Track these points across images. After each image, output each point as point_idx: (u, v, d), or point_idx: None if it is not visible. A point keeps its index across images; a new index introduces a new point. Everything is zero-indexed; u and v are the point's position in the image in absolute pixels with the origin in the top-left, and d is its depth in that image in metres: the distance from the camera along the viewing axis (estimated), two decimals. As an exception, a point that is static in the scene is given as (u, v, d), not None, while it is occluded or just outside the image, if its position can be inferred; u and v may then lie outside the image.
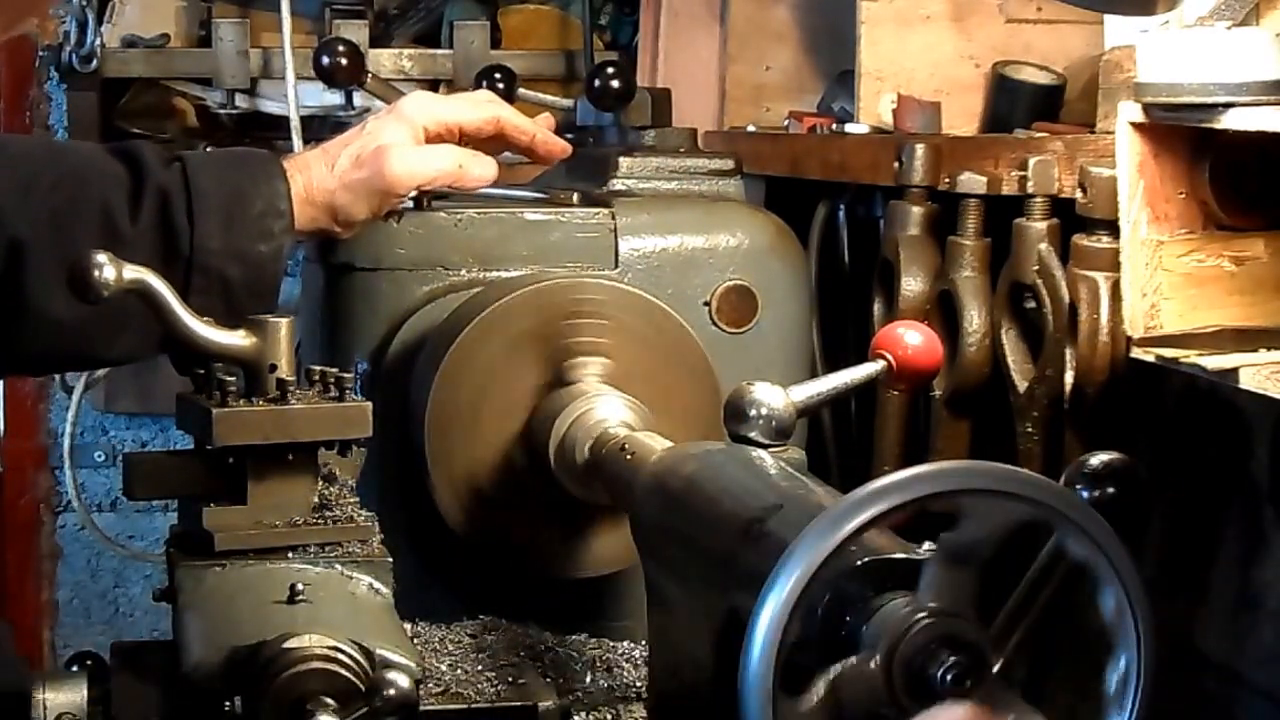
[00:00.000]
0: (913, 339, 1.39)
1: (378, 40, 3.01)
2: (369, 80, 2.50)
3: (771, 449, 1.28)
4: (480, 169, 1.67)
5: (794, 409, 1.31)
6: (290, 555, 1.33)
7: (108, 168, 1.60)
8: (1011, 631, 1.04)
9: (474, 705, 1.41)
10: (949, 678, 0.94)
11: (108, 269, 1.33)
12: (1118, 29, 1.66)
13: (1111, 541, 0.97)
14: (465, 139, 1.72)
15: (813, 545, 0.93)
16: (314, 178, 1.64)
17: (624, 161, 1.83)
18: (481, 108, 1.73)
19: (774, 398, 1.30)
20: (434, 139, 1.68)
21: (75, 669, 1.30)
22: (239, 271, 1.59)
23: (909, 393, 1.83)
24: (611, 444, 1.44)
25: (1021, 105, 2.02)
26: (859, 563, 0.98)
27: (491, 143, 1.75)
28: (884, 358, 1.39)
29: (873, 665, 0.95)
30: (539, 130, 1.75)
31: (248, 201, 1.60)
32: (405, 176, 1.64)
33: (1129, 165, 1.43)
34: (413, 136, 1.66)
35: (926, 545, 1.03)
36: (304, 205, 1.64)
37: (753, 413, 1.30)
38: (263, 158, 1.68)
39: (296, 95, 2.52)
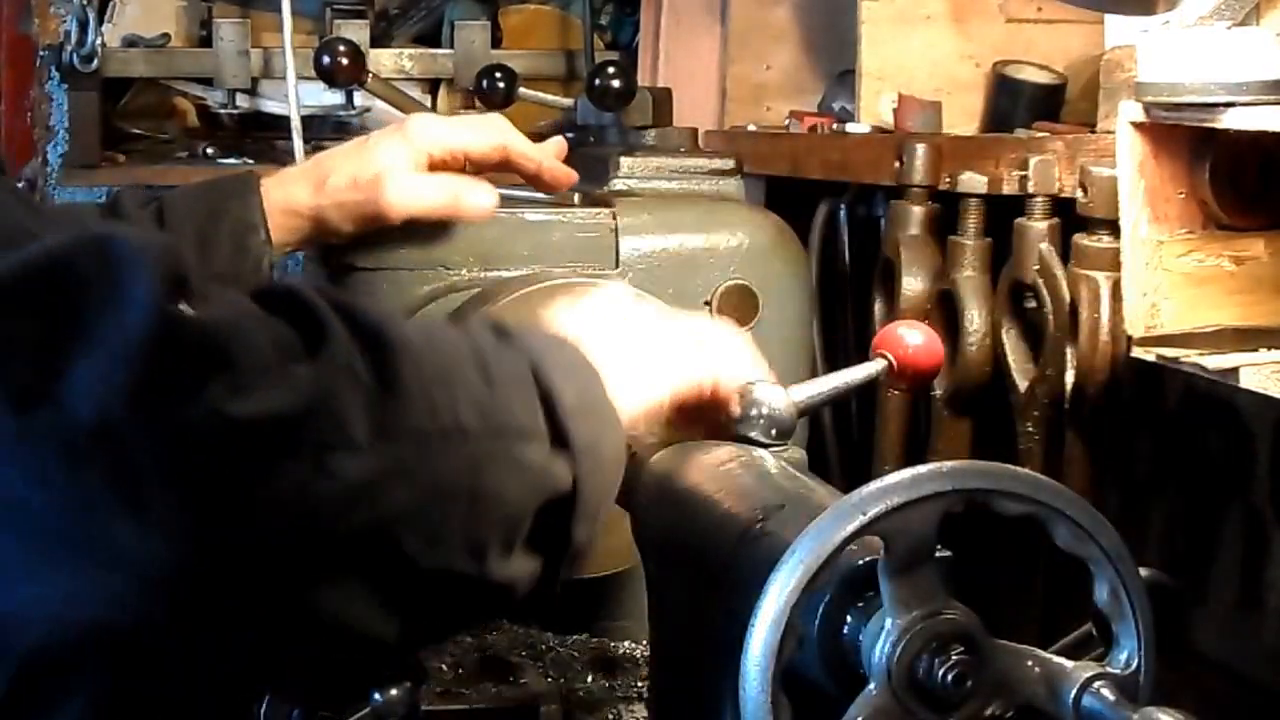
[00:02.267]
0: (913, 339, 1.39)
1: (378, 40, 3.02)
2: (370, 80, 2.51)
3: (772, 449, 1.29)
4: (477, 198, 1.65)
5: (795, 409, 1.31)
6: (291, 555, 1.32)
7: (86, 213, 1.62)
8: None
9: (475, 706, 1.41)
10: (950, 679, 0.94)
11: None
12: (1118, 28, 1.66)
13: (1104, 530, 0.97)
14: (470, 164, 1.71)
15: (814, 545, 0.93)
16: (301, 191, 1.64)
17: (625, 161, 1.83)
18: (488, 134, 1.69)
19: (774, 397, 1.30)
20: (438, 164, 1.66)
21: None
22: None
23: (910, 392, 1.83)
24: None
25: (1022, 105, 2.02)
26: (860, 562, 0.98)
27: (498, 167, 1.74)
28: (885, 357, 1.39)
29: (882, 699, 0.94)
30: (545, 158, 1.72)
31: (218, 222, 1.61)
32: (400, 206, 1.63)
33: (1129, 165, 1.43)
34: (414, 161, 1.64)
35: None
36: (288, 216, 1.64)
37: (753, 412, 1.29)
38: (237, 177, 1.68)
39: (297, 95, 2.52)
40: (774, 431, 1.29)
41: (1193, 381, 1.57)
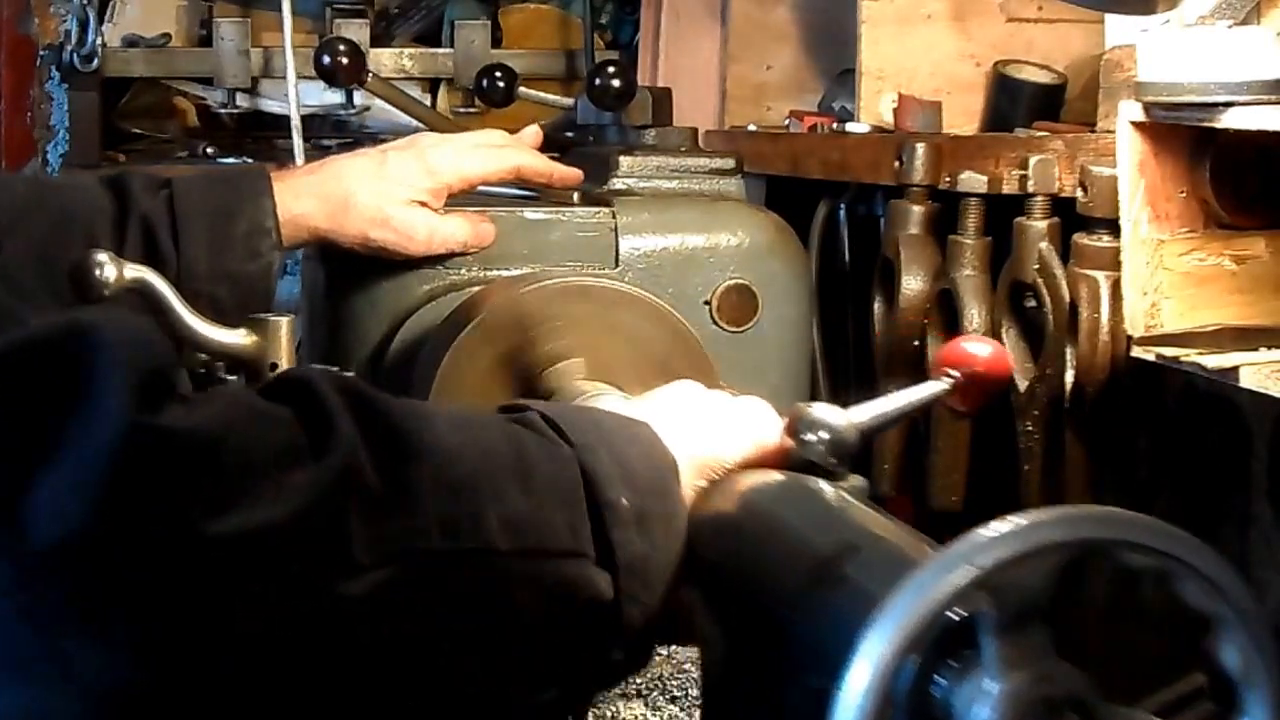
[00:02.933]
0: (982, 352, 1.27)
1: (378, 39, 3.02)
2: (370, 79, 2.51)
3: (833, 478, 1.15)
4: (481, 237, 1.69)
5: (856, 432, 1.18)
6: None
7: (95, 200, 1.60)
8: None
9: (474, 704, 1.41)
10: None
11: (108, 268, 1.33)
12: (1118, 28, 1.66)
13: (1236, 587, 0.86)
14: (484, 184, 1.73)
15: (913, 603, 0.81)
16: (315, 209, 1.63)
17: (624, 160, 1.83)
18: (503, 159, 1.71)
19: (834, 419, 1.17)
20: (455, 192, 1.69)
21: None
22: (228, 292, 1.58)
23: (972, 415, 1.70)
24: None
25: (1022, 104, 2.02)
26: (956, 617, 0.84)
27: (510, 184, 1.76)
28: (950, 375, 1.26)
29: None
30: (555, 170, 1.74)
31: (233, 222, 1.60)
32: (425, 249, 1.66)
33: (1129, 164, 1.43)
34: (435, 193, 1.66)
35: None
36: (300, 230, 1.63)
37: (811, 436, 1.16)
38: (250, 175, 1.66)
39: (297, 94, 2.53)
40: (834, 458, 1.16)
41: (1193, 381, 1.57)
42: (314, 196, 1.64)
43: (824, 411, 1.17)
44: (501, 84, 2.51)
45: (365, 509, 0.93)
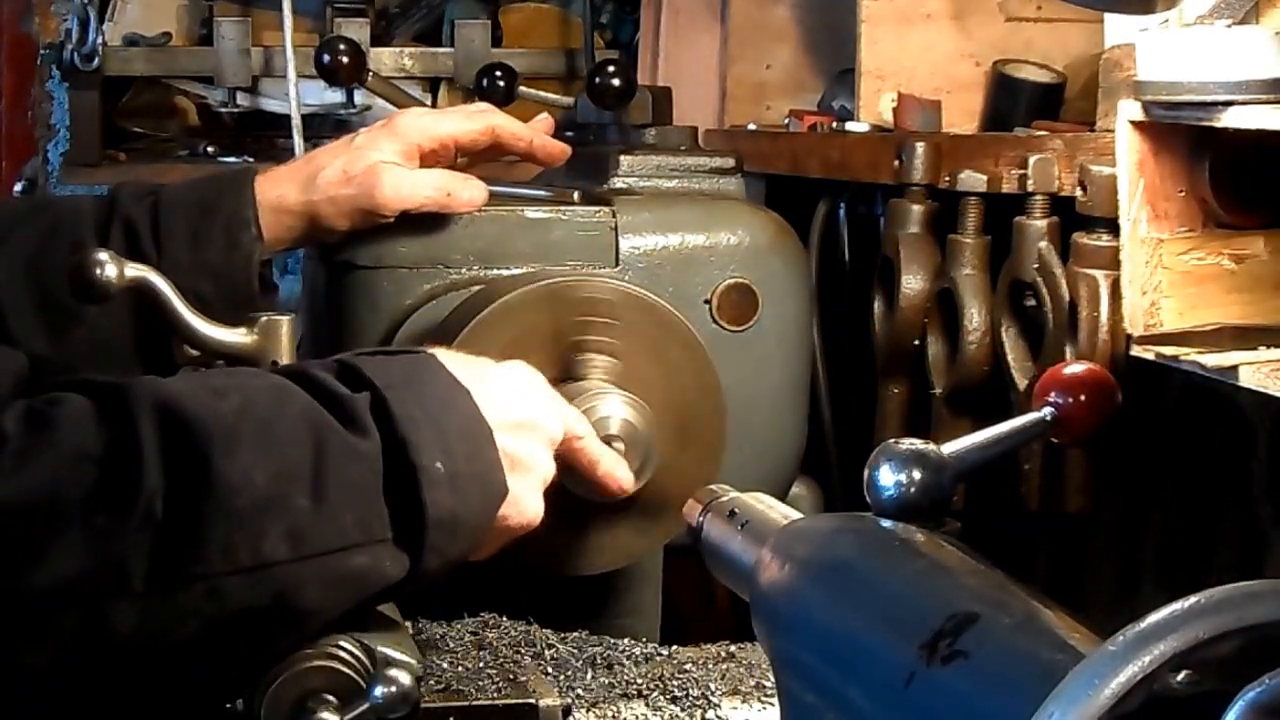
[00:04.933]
0: (1082, 377, 1.21)
1: (379, 39, 3.02)
2: (370, 79, 2.51)
3: (929, 524, 1.04)
4: (469, 193, 1.67)
5: (953, 471, 1.07)
6: (291, 553, 1.32)
7: (83, 211, 1.63)
8: None
9: (475, 702, 1.41)
10: None
11: (109, 267, 1.33)
12: (1118, 27, 1.66)
13: None
14: (462, 152, 1.72)
15: (1074, 709, 0.65)
16: (291, 188, 1.64)
17: (625, 159, 1.83)
18: (475, 119, 1.72)
19: (929, 456, 1.06)
20: (429, 155, 1.68)
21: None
22: (210, 286, 1.59)
23: (1079, 444, 1.58)
24: (715, 505, 1.26)
25: (1022, 103, 2.02)
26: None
27: (490, 152, 1.75)
28: (1050, 404, 1.19)
29: None
30: (535, 135, 1.75)
31: (212, 216, 1.61)
32: (394, 200, 1.64)
33: (1129, 163, 1.43)
34: (405, 154, 1.66)
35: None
36: (279, 214, 1.64)
37: (902, 478, 1.04)
38: (234, 173, 1.69)
39: (298, 94, 2.53)
40: (930, 502, 1.05)
41: (1192, 380, 1.57)
42: (289, 177, 1.66)
43: (916, 448, 1.07)
44: (502, 83, 2.51)
45: (151, 543, 1.04)
